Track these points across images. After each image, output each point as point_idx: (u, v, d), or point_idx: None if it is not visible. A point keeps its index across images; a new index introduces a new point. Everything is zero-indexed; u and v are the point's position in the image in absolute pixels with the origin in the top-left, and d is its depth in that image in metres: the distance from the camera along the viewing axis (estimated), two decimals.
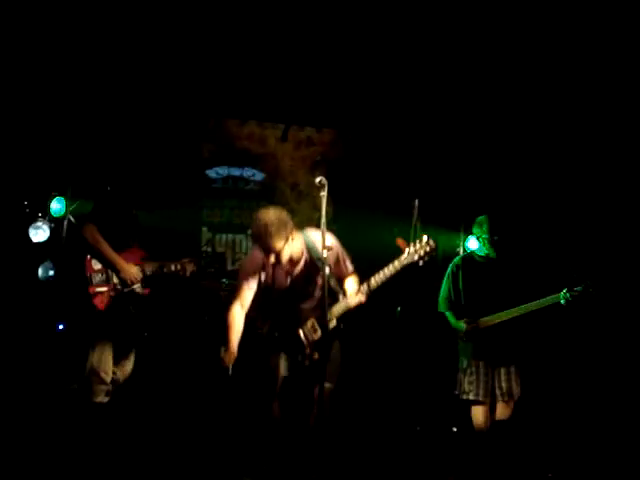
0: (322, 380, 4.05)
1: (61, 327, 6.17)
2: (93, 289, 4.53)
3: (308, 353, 4.37)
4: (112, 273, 4.58)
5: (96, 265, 4.56)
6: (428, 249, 4.23)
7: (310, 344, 4.40)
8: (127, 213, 4.79)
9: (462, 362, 5.32)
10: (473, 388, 5.16)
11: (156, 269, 4.84)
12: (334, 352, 4.43)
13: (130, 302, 4.75)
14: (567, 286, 5.02)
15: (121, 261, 4.58)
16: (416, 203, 6.82)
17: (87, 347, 4.58)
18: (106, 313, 4.58)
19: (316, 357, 4.34)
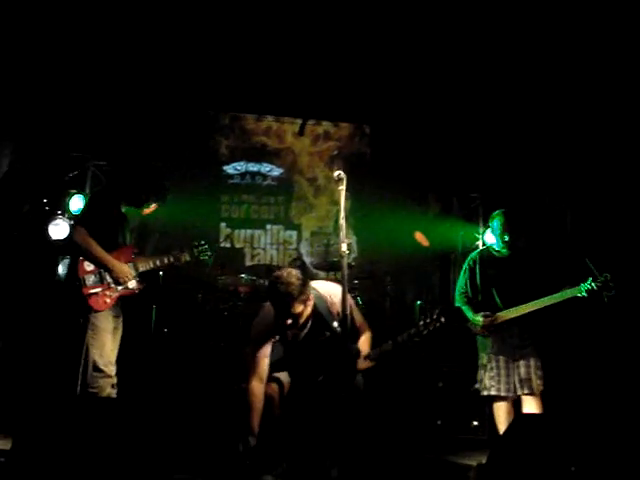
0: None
1: None
2: (87, 290, 4.59)
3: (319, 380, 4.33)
4: (105, 273, 4.64)
5: (89, 267, 4.62)
6: (438, 325, 4.20)
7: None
8: (116, 212, 4.82)
9: (482, 358, 5.27)
10: (495, 383, 5.12)
11: (150, 264, 4.89)
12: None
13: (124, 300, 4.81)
14: (588, 277, 4.97)
15: (112, 260, 4.64)
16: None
17: (83, 347, 4.60)
18: (103, 311, 4.64)
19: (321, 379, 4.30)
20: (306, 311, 4.20)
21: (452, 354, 6.92)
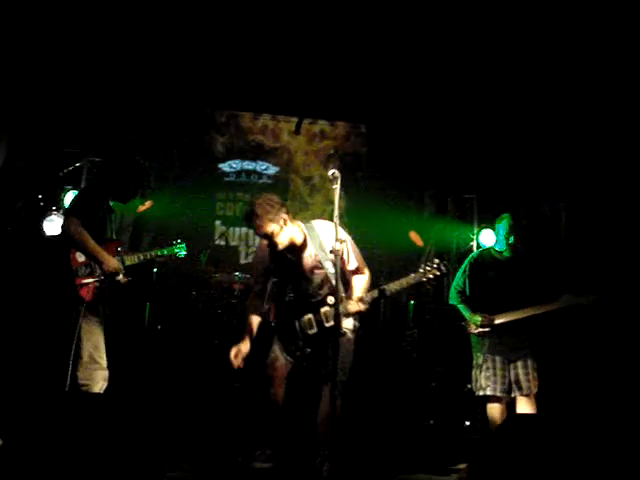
0: (328, 379, 4.04)
1: None
2: (80, 281, 4.61)
3: (300, 346, 4.42)
4: (95, 265, 4.66)
5: (80, 258, 4.64)
6: (438, 273, 4.38)
7: (304, 337, 4.43)
8: (105, 207, 4.84)
9: (477, 358, 5.26)
10: (490, 383, 5.11)
11: (135, 259, 4.93)
12: (341, 354, 4.36)
13: (112, 293, 4.83)
14: (586, 289, 5.05)
15: (104, 253, 4.66)
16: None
17: (75, 339, 4.60)
18: (93, 303, 4.66)
19: (308, 351, 4.39)
20: (283, 234, 4.32)
21: (445, 354, 6.95)
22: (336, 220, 3.91)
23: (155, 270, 6.92)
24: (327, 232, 4.43)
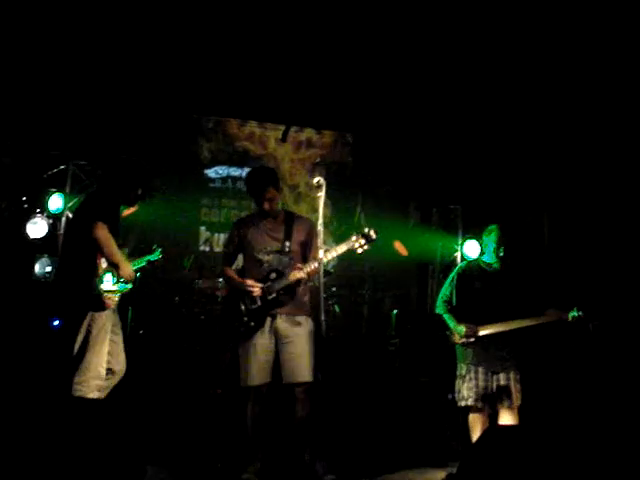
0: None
1: (56, 323, 6.16)
2: (105, 287, 4.57)
3: (245, 321, 4.55)
4: (114, 271, 4.64)
5: (104, 264, 4.60)
6: (367, 241, 4.40)
7: (248, 313, 4.56)
8: (120, 212, 4.83)
9: (461, 368, 5.26)
10: (472, 394, 5.11)
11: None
12: (296, 354, 4.49)
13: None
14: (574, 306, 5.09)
15: (124, 260, 4.64)
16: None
17: (81, 344, 4.57)
18: (108, 311, 4.64)
19: (252, 324, 4.53)
20: (277, 201, 4.64)
21: (427, 363, 6.96)
22: (320, 228, 3.93)
23: (138, 275, 6.89)
24: (304, 222, 4.76)
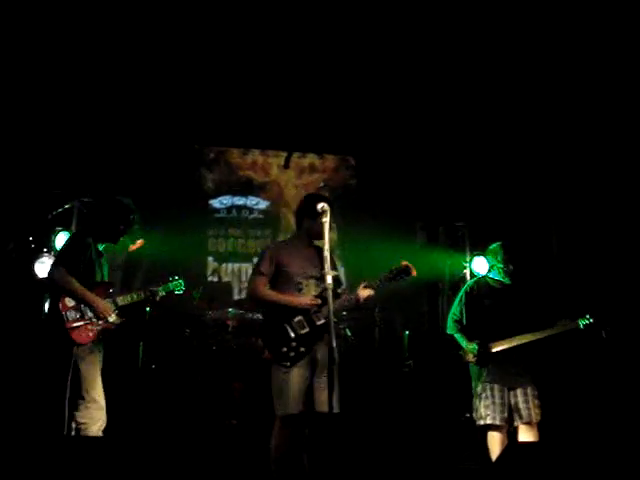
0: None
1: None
2: (70, 324, 4.65)
3: (294, 346, 4.42)
4: (86, 308, 4.70)
5: (70, 302, 4.72)
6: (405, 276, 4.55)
7: (297, 338, 4.44)
8: (92, 251, 4.88)
9: (476, 387, 5.23)
10: (489, 412, 5.06)
11: (128, 299, 4.96)
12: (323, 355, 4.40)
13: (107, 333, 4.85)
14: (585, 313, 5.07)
15: (93, 297, 4.75)
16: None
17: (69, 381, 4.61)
18: (90, 344, 4.68)
19: (302, 350, 4.41)
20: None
21: (442, 383, 6.91)
22: (326, 253, 3.91)
23: (148, 309, 6.87)
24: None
